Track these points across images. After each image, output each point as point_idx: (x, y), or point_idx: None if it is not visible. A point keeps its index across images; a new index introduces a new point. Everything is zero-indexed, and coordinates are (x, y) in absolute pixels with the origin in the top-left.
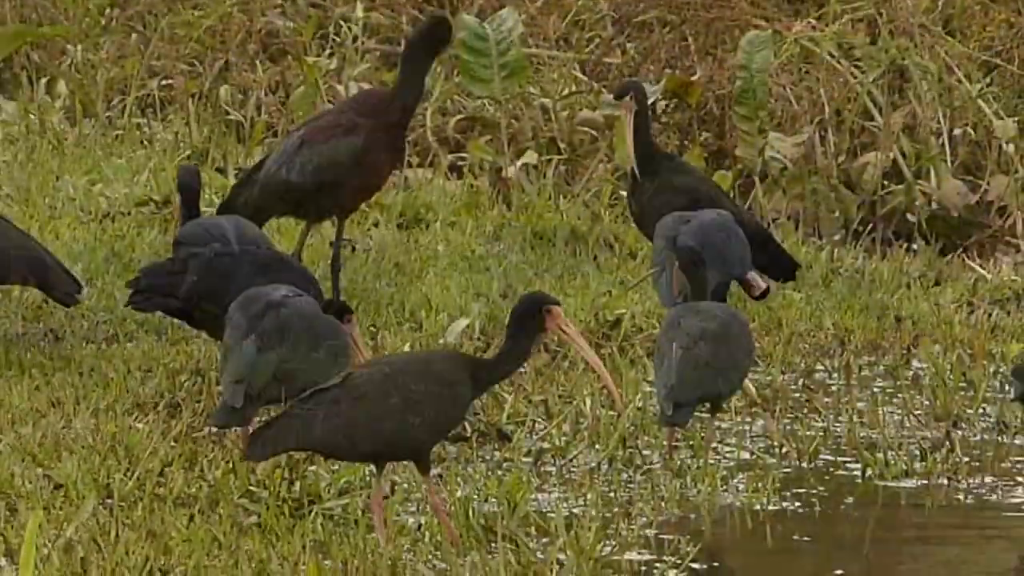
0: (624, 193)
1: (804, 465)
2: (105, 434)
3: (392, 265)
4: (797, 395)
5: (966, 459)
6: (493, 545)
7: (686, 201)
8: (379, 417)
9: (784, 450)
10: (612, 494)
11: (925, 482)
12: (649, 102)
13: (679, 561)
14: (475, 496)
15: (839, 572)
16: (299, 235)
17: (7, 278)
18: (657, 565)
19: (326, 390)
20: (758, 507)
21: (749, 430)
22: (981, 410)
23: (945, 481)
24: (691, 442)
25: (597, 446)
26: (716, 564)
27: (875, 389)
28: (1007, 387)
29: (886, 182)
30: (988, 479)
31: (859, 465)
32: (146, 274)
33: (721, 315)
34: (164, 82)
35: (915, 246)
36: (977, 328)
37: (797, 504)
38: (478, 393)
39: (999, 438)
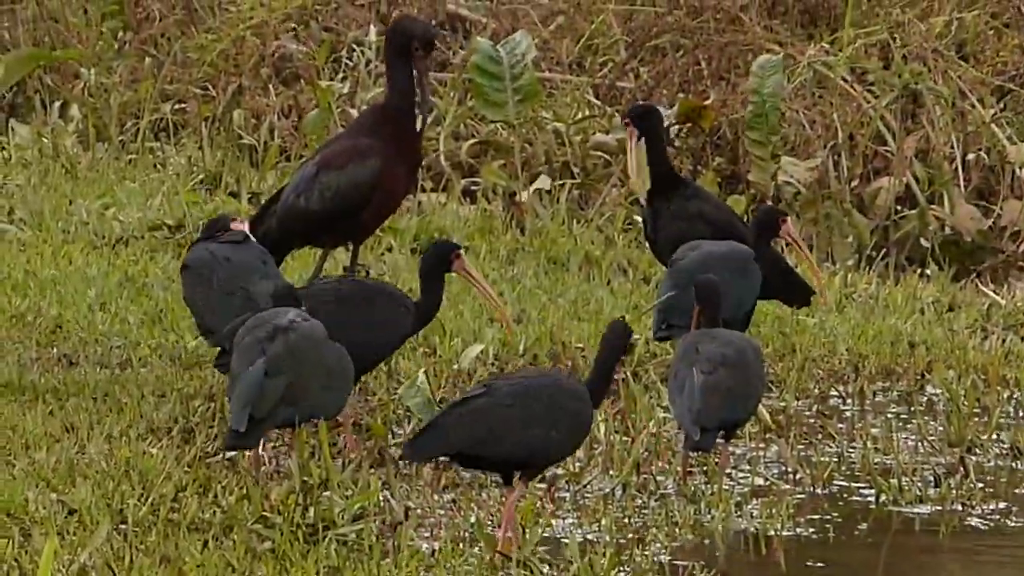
0: (638, 218)
1: (818, 491)
2: (119, 459)
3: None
4: (811, 421)
5: (980, 485)
6: (508, 571)
7: (702, 227)
8: (527, 425)
9: (798, 476)
10: (626, 520)
11: (939, 508)
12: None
13: None
14: (489, 522)
15: None
16: (316, 261)
17: None
18: None
19: (474, 398)
20: (772, 533)
21: (763, 456)
22: (995, 436)
23: (959, 507)
24: (705, 468)
25: (611, 472)
26: None
27: (889, 415)
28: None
29: (899, 207)
30: (1002, 505)
31: (873, 491)
32: (229, 336)
33: (736, 341)
34: (177, 106)
35: (928, 271)
36: (991, 354)
37: (811, 530)
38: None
39: (1013, 464)
